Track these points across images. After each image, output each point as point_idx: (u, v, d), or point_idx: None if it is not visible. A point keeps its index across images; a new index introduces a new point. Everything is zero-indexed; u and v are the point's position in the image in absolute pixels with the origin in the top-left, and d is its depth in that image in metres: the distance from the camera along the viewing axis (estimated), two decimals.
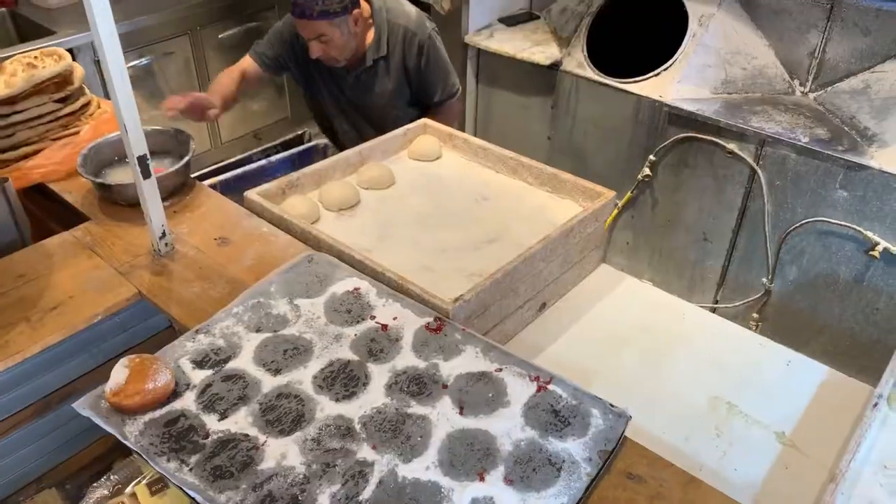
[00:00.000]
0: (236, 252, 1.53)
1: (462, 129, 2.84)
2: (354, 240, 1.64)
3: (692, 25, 2.51)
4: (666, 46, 2.59)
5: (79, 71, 1.87)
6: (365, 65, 2.20)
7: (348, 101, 2.32)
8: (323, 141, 2.41)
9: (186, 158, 1.67)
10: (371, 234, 1.69)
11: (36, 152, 1.79)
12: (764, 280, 2.49)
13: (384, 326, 1.33)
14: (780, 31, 2.49)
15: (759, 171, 2.34)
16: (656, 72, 2.54)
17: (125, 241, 1.57)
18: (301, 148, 2.41)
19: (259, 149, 2.44)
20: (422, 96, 2.30)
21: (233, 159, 2.49)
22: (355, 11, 2.07)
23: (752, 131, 2.30)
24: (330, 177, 1.86)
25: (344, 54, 2.13)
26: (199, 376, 1.22)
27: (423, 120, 2.08)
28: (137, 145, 1.37)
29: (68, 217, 1.79)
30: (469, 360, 1.26)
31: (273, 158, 2.33)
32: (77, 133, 1.82)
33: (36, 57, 1.90)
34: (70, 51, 3.02)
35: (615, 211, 1.96)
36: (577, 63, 2.70)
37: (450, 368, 1.24)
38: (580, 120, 2.75)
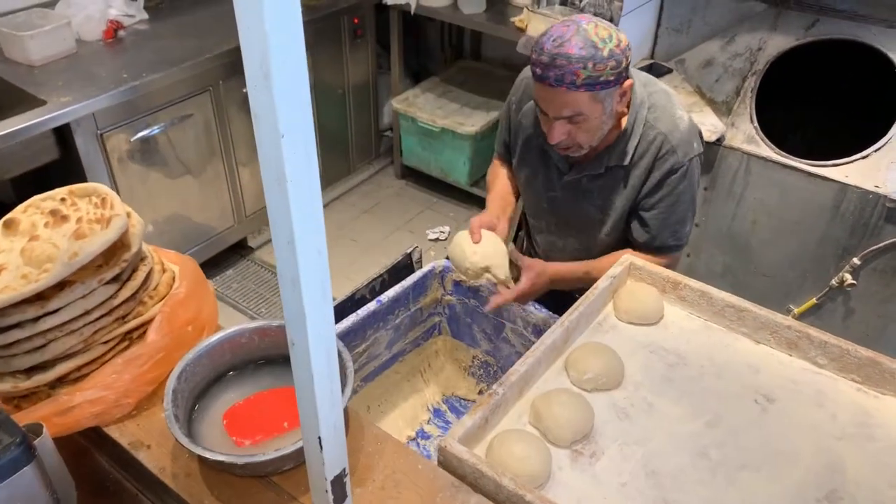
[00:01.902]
0: None
1: None
2: None
3: None
4: (861, 115, 2.02)
5: (135, 225, 1.20)
6: (596, 169, 1.51)
7: (550, 201, 1.63)
8: (441, 263, 1.76)
9: (349, 393, 1.01)
10: (643, 498, 1.06)
11: (80, 369, 1.11)
12: None
13: None
14: None
15: None
16: (864, 153, 1.96)
17: None
18: (417, 277, 1.76)
19: (363, 283, 1.79)
20: (633, 229, 1.57)
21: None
22: (626, 83, 1.38)
23: None
24: (535, 375, 1.23)
25: (592, 142, 1.43)
26: None
27: (628, 257, 1.46)
28: (336, 459, 0.72)
29: (128, 461, 1.13)
30: None
31: (385, 298, 1.68)
32: (142, 330, 1.15)
33: (63, 199, 1.22)
34: (66, 127, 2.32)
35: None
36: (746, 137, 2.10)
37: None
38: (747, 207, 2.16)
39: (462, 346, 1.85)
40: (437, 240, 3.37)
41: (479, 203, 3.38)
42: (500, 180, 1.74)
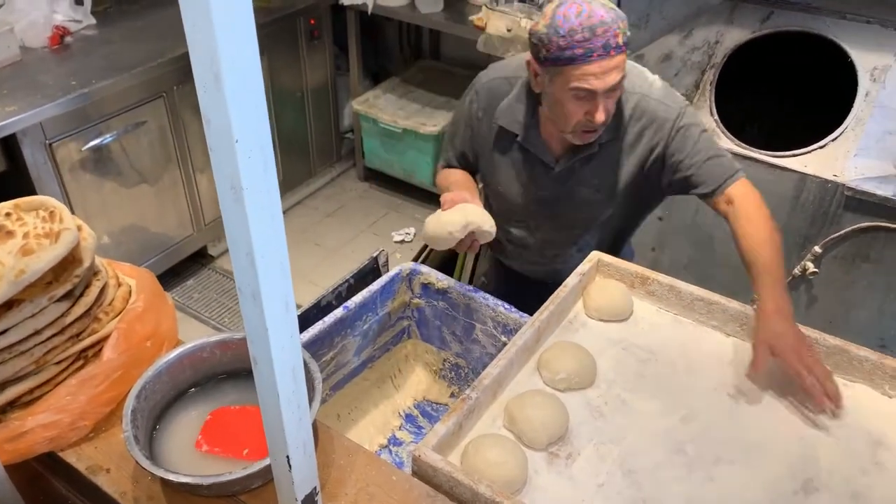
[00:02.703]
0: None
1: None
2: None
3: (864, 82, 1.98)
4: (817, 105, 2.05)
5: (86, 238, 1.14)
6: (591, 149, 1.45)
7: (539, 201, 1.57)
8: (408, 266, 1.73)
9: (316, 405, 0.98)
10: (621, 498, 1.05)
11: (31, 391, 1.06)
12: None
13: None
14: None
15: None
16: (822, 143, 1.99)
17: None
18: (384, 281, 1.72)
19: (329, 289, 1.75)
20: (694, 190, 1.49)
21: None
22: None
23: None
24: (508, 377, 1.21)
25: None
26: None
27: (597, 254, 1.45)
28: (306, 478, 0.69)
29: (86, 485, 1.08)
30: None
31: (352, 304, 1.64)
32: (97, 348, 1.10)
33: (8, 214, 1.16)
34: (12, 137, 2.24)
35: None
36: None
37: None
38: None
39: (432, 349, 1.82)
40: (402, 242, 3.34)
41: None
42: (456, 175, 1.69)
